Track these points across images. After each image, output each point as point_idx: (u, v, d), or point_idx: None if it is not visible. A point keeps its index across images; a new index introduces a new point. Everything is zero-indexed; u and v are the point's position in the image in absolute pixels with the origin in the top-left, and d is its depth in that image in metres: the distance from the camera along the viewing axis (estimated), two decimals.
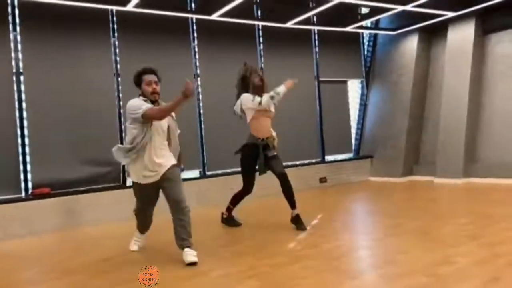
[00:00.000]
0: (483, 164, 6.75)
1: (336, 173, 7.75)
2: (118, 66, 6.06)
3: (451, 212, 4.79)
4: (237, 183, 6.48)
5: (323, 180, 7.51)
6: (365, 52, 8.45)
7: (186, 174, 6.37)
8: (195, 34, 6.65)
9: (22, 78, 5.51)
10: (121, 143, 6.01)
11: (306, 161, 7.58)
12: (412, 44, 7.67)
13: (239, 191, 4.62)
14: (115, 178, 6.01)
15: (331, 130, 7.91)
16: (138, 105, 3.38)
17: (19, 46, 5.49)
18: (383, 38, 8.21)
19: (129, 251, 3.87)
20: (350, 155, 8.30)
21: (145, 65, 3.58)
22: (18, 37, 5.49)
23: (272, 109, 4.40)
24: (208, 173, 6.65)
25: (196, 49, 6.67)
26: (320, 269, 3.05)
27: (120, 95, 6.03)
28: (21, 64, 5.50)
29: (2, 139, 5.37)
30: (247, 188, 4.54)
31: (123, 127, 6.04)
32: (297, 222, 4.28)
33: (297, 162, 7.46)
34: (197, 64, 6.68)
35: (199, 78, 6.68)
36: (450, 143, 6.96)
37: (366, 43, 8.46)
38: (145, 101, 3.43)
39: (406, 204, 5.60)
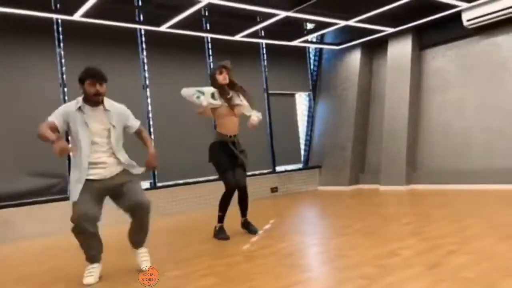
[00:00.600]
0: (424, 171, 7.16)
1: (286, 183, 7.91)
2: (64, 76, 5.92)
3: (395, 214, 5.04)
4: (187, 193, 6.55)
5: (274, 190, 7.64)
6: (312, 66, 8.78)
7: None
8: (144, 46, 6.64)
9: None
10: (68, 155, 5.87)
11: (257, 172, 7.68)
12: (355, 58, 8.08)
13: (224, 193, 4.19)
14: (60, 190, 5.80)
15: (281, 141, 8.09)
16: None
17: None
18: (328, 52, 8.58)
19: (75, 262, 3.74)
20: (300, 165, 8.52)
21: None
22: None
23: (242, 110, 4.28)
24: (159, 184, 6.58)
25: (145, 60, 6.66)
26: (274, 265, 3.12)
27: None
28: None
29: None
30: (229, 183, 4.12)
31: (69, 138, 5.88)
32: (248, 227, 4.35)
33: (249, 173, 7.51)
34: (146, 75, 6.66)
35: (148, 89, 6.65)
36: (393, 152, 7.34)
37: (312, 57, 8.80)
38: (84, 101, 3.12)
39: (353, 209, 5.82)
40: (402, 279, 2.58)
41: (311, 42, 8.15)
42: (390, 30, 7.20)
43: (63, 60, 5.94)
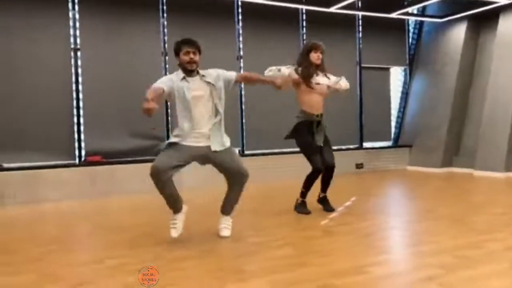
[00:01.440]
0: None
1: (373, 160, 7.78)
2: (166, 45, 6.32)
3: (487, 203, 4.77)
4: (274, 163, 6.76)
5: (359, 166, 7.57)
6: (410, 39, 8.33)
7: None
8: (240, 17, 6.81)
9: (79, 53, 5.88)
10: (167, 120, 6.37)
11: (343, 147, 7.63)
12: (459, 32, 7.51)
13: (310, 173, 4.18)
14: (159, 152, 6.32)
15: (371, 117, 7.91)
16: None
17: (77, 24, 5.86)
18: (429, 25, 8.06)
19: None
20: (389, 143, 8.28)
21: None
22: (77, 15, 5.85)
23: (321, 88, 4.18)
24: (247, 152, 6.86)
25: (241, 31, 6.84)
26: (352, 243, 3.20)
27: (167, 73, 6.31)
28: (78, 41, 5.88)
29: (60, 111, 5.80)
30: (316, 167, 4.10)
31: (168, 104, 6.35)
32: (325, 203, 4.35)
33: (335, 147, 7.49)
34: (241, 46, 6.85)
35: (242, 60, 6.86)
36: (493, 135, 6.82)
37: (411, 30, 8.34)
38: (182, 70, 3.28)
39: (442, 193, 5.60)
40: (483, 273, 2.51)
41: (412, 14, 7.71)
42: (502, 1, 6.55)
43: (165, 30, 6.34)
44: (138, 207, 5.01)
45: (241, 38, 6.85)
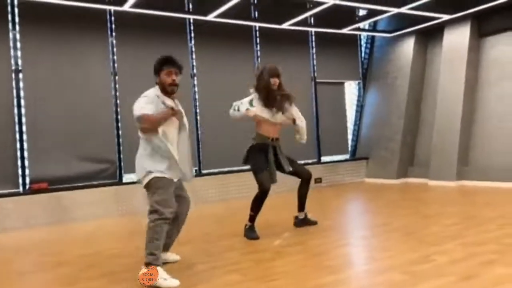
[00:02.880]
0: (476, 167, 6.78)
1: (331, 174, 7.81)
2: (116, 65, 6.16)
3: (438, 213, 4.84)
4: (231, 181, 6.66)
5: (318, 180, 7.58)
6: (363, 54, 8.51)
7: None
8: (192, 34, 6.75)
9: (20, 75, 5.62)
10: (118, 141, 6.16)
11: (302, 162, 7.61)
12: (408, 46, 7.73)
13: (256, 194, 4.10)
14: (111, 175, 6.11)
15: (327, 131, 7.97)
16: (141, 103, 2.99)
17: (18, 44, 5.61)
18: (380, 40, 8.26)
19: (119, 245, 3.96)
20: (346, 156, 8.36)
21: (142, 64, 3.21)
22: (17, 36, 5.60)
23: (280, 118, 4.12)
24: (204, 171, 6.74)
25: (193, 49, 6.77)
26: (301, 264, 3.13)
27: (117, 93, 6.13)
28: (19, 62, 5.62)
29: (1, 135, 5.48)
30: (263, 187, 4.00)
31: (119, 125, 6.17)
32: (307, 222, 4.38)
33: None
34: (194, 64, 6.77)
35: (196, 78, 6.77)
36: (444, 145, 7.00)
37: (364, 44, 8.52)
38: (161, 90, 3.09)
39: (397, 205, 5.65)
40: None
41: (363, 30, 7.88)
42: (446, 17, 6.79)
43: (115, 49, 6.18)
44: (85, 236, 4.77)
45: (194, 56, 6.78)
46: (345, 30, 7.38)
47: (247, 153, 4.17)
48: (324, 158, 7.96)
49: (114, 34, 6.17)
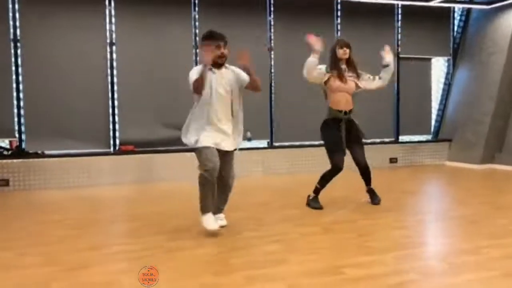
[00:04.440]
0: None
1: (409, 154, 7.53)
2: (197, 38, 6.49)
3: None
4: (302, 155, 6.75)
5: (393, 160, 7.37)
6: (455, 28, 7.89)
7: (254, 144, 6.73)
8: (272, 8, 6.82)
9: (114, 47, 6.21)
10: None
11: (378, 140, 7.47)
12: (508, 20, 7.00)
13: (327, 170, 4.19)
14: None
15: (409, 110, 7.64)
16: (192, 73, 3.34)
17: (113, 20, 6.18)
18: (476, 12, 7.58)
19: (186, 206, 4.33)
20: (428, 136, 7.97)
21: (223, 31, 3.36)
22: (113, 11, 6.16)
23: (349, 85, 4.18)
24: (275, 144, 6.92)
25: (272, 22, 6.85)
26: (344, 242, 3.20)
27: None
28: (114, 36, 6.20)
29: (97, 102, 6.17)
30: (336, 165, 4.10)
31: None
32: (371, 195, 4.40)
33: (368, 141, 7.38)
34: (272, 37, 6.87)
35: (272, 52, 6.88)
36: None
37: (457, 17, 7.89)
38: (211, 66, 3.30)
39: (472, 192, 5.33)
40: (463, 281, 2.44)
41: (458, 2, 7.30)
42: None
43: (197, 23, 6.50)
44: (161, 195, 5.26)
45: (272, 29, 6.87)
46: (435, 3, 6.91)
47: (321, 129, 4.27)
48: (403, 138, 7.68)
49: (197, 8, 6.49)
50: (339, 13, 7.15)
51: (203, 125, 3.35)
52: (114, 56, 6.23)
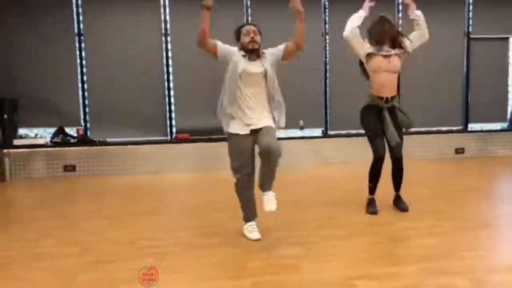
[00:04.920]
0: None
1: (480, 144, 6.93)
2: None
3: None
4: (356, 144, 6.50)
5: (459, 151, 6.83)
6: None
7: (307, 133, 6.62)
8: None
9: (169, 38, 6.40)
10: None
11: (444, 128, 6.97)
12: None
13: (371, 163, 3.88)
14: None
15: (481, 95, 7.00)
16: None
17: (168, 10, 6.35)
18: None
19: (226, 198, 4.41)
20: (504, 125, 7.25)
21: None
22: (167, 2, 6.32)
23: (393, 62, 3.78)
24: (331, 132, 6.75)
25: (327, 6, 6.59)
26: (369, 248, 3.07)
27: None
28: (168, 26, 6.39)
29: (154, 92, 6.43)
30: (377, 154, 3.79)
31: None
32: (398, 203, 4.00)
33: (433, 129, 6.93)
34: (327, 21, 6.62)
35: (327, 36, 6.64)
36: None
37: None
38: (244, 52, 3.18)
39: None
40: None
41: None
42: None
43: (249, 10, 6.45)
44: (217, 185, 5.31)
45: (327, 13, 6.62)
46: None
47: (360, 114, 3.95)
48: (473, 126, 7.08)
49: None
50: None
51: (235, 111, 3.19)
52: (169, 46, 6.42)
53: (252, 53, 3.18)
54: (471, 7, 6.82)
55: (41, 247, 3.22)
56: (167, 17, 6.37)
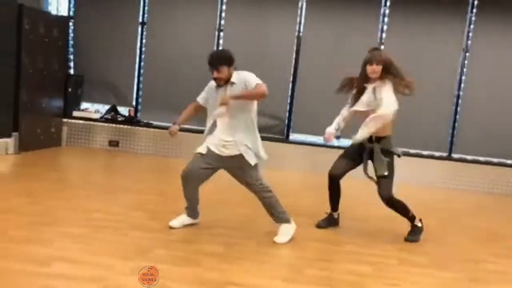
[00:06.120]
0: None
1: None
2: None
3: None
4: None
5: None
6: None
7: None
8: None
9: (222, 33, 6.63)
10: (291, 100, 6.54)
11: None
12: None
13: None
14: (280, 131, 6.64)
15: None
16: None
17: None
18: None
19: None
20: None
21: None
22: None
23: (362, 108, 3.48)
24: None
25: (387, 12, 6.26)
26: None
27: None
28: (222, 22, 6.61)
29: (200, 84, 6.69)
30: (329, 172, 3.68)
31: (296, 86, 6.53)
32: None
33: (481, 159, 6.22)
34: (384, 29, 6.29)
35: (383, 46, 6.31)
36: None
37: None
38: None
39: None
40: None
41: None
42: None
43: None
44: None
45: (385, 20, 6.28)
46: None
47: None
48: None
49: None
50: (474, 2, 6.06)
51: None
52: (221, 41, 6.64)
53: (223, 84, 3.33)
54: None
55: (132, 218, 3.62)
56: (222, 14, 6.58)
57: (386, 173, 3.42)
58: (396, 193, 3.48)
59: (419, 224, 3.62)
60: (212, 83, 3.45)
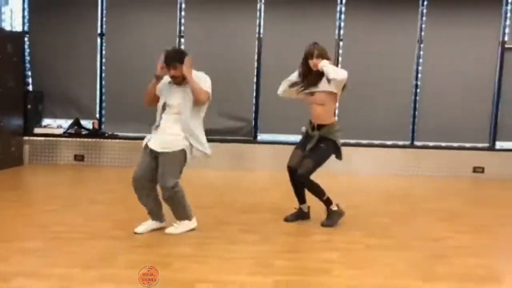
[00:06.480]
0: None
1: (505, 164, 6.23)
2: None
3: None
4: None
5: (478, 170, 6.20)
6: None
7: None
8: None
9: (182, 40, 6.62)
10: (256, 101, 6.56)
11: (467, 145, 6.39)
12: None
13: None
14: (247, 133, 6.64)
15: None
16: None
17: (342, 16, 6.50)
18: None
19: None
20: None
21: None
22: (343, 8, 6.41)
23: (322, 97, 3.68)
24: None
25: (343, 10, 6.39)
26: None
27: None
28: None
29: None
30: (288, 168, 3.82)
31: (260, 87, 6.56)
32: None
33: (455, 144, 6.39)
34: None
35: (341, 43, 6.43)
36: None
37: None
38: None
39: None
40: None
41: None
42: None
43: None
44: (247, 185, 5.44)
45: (342, 17, 6.41)
46: None
47: None
48: (502, 144, 6.41)
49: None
50: None
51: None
52: (183, 47, 6.61)
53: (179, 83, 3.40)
54: (508, 13, 6.19)
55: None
56: (182, 20, 6.58)
57: (310, 149, 3.64)
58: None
59: (335, 208, 3.70)
60: (166, 80, 3.47)
